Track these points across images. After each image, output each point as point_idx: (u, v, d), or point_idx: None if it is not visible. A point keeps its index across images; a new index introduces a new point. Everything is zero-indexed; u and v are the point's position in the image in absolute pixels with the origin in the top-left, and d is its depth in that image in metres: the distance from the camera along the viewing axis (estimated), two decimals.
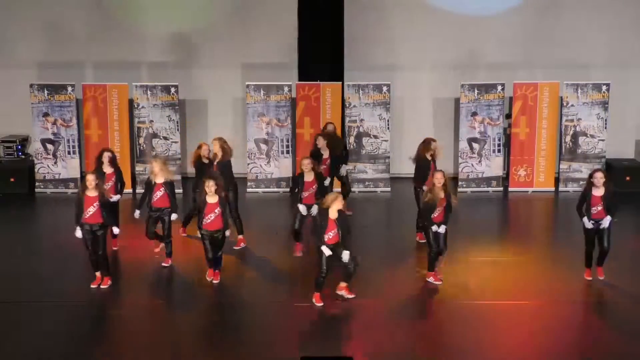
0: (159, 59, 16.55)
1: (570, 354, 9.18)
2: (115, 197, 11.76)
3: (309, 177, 11.71)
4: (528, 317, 10.04)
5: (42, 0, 16.41)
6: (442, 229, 10.91)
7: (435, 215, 10.92)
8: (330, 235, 10.11)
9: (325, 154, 13.18)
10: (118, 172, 12.09)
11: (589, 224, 10.87)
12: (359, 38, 16.34)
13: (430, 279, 11.02)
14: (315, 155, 12.98)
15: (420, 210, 11.65)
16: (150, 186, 11.49)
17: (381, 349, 9.23)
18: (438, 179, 10.96)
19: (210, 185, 10.76)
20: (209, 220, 10.83)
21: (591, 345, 9.43)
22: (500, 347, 9.34)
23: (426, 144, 12.52)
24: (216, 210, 10.84)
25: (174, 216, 11.56)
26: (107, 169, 11.93)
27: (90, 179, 10.56)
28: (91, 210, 10.53)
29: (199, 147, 12.51)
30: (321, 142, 13.15)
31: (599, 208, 10.81)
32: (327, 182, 12.66)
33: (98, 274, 10.89)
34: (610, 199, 10.84)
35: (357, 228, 13.77)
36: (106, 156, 11.99)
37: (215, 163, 12.25)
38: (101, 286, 10.82)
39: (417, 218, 12.34)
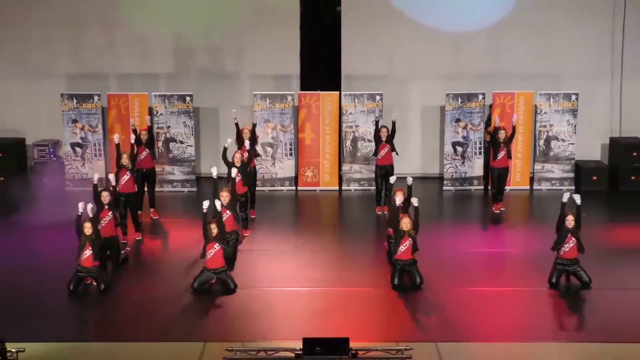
0: (175, 70, 17.18)
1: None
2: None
3: None
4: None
5: (69, 19, 16.95)
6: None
7: (402, 251, 11.11)
8: None
9: None
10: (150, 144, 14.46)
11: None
12: (355, 52, 16.90)
13: None
14: None
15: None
16: None
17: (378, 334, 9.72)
18: (405, 223, 11.10)
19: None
20: (210, 256, 10.98)
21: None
22: (498, 332, 9.87)
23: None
24: (215, 246, 11.01)
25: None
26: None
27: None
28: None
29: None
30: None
31: (572, 244, 10.95)
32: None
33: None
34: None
35: (356, 222, 14.78)
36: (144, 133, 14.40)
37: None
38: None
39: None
